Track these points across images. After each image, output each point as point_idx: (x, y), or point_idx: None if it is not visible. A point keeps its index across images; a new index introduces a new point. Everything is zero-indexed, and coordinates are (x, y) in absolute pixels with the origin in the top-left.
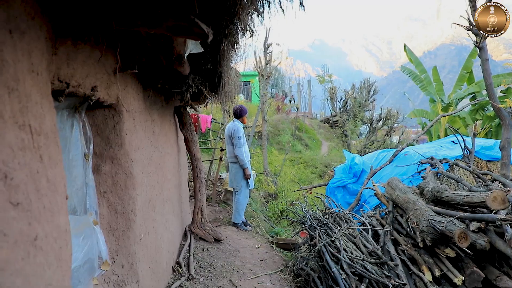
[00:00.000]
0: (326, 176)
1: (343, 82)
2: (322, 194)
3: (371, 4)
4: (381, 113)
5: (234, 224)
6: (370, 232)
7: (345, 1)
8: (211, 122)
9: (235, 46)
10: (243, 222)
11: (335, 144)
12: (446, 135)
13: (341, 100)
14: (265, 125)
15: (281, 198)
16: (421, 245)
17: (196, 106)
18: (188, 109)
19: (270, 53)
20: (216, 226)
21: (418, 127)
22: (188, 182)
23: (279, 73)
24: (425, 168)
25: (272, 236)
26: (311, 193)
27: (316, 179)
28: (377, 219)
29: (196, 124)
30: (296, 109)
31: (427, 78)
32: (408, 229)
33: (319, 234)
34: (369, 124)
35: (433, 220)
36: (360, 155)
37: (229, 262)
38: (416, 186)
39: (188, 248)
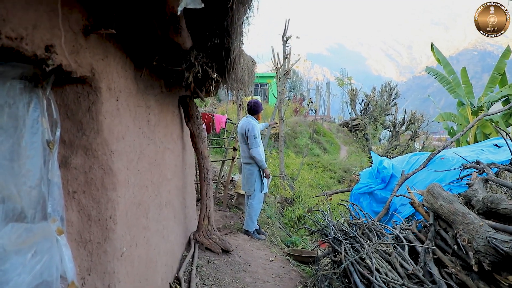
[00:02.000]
0: (345, 182)
1: (362, 86)
2: (347, 201)
3: (391, 8)
4: (404, 117)
5: (246, 232)
6: (406, 248)
7: (365, 5)
8: (226, 122)
9: (247, 5)
10: (256, 229)
11: (354, 149)
12: (475, 140)
13: (362, 102)
14: (282, 125)
15: (298, 204)
16: (475, 268)
17: (202, 93)
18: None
19: (289, 47)
20: (226, 234)
21: (441, 133)
22: (195, 183)
23: (297, 76)
24: (469, 174)
25: (288, 246)
26: (331, 199)
27: (335, 185)
28: (413, 233)
29: (210, 124)
30: (314, 112)
31: (455, 79)
32: (455, 247)
33: (345, 249)
34: (391, 128)
35: (493, 238)
36: None
37: (238, 278)
38: (458, 194)
39: (191, 260)
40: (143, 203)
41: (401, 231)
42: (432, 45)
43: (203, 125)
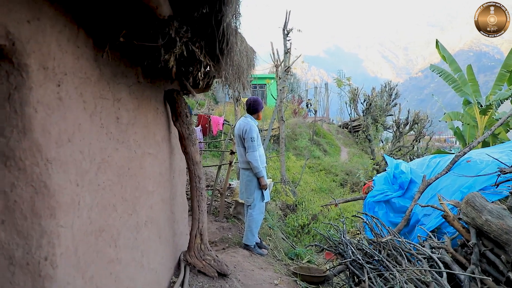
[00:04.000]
0: (348, 185)
1: (364, 85)
2: (365, 213)
3: (388, 10)
4: (407, 117)
5: (246, 247)
6: (444, 275)
7: (361, 6)
8: (223, 124)
9: None
10: (257, 243)
11: (355, 150)
12: (483, 140)
13: (364, 101)
14: (282, 126)
15: (302, 211)
16: None
17: (189, 84)
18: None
19: (290, 41)
20: (223, 249)
21: (439, 134)
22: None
23: (294, 77)
24: (508, 180)
25: (292, 259)
26: (336, 205)
27: (337, 188)
28: (448, 252)
29: (207, 125)
30: (314, 112)
31: (462, 77)
32: (510, 274)
33: (369, 276)
34: (395, 129)
35: None
36: (386, 162)
37: None
38: (492, 202)
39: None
40: (108, 229)
41: (433, 250)
42: (437, 42)
43: (197, 126)
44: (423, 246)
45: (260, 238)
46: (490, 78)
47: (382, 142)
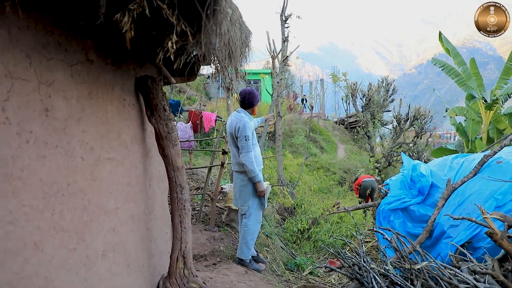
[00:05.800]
0: (346, 183)
1: (363, 80)
2: (387, 229)
3: (382, 6)
4: (408, 113)
5: (241, 261)
6: None
7: (356, 3)
8: (216, 120)
9: None
10: (253, 257)
11: (352, 147)
12: (488, 136)
13: (363, 97)
14: (279, 122)
15: (301, 214)
16: None
17: (163, 67)
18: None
19: (288, 28)
20: (214, 264)
21: (435, 129)
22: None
23: (289, 73)
24: None
25: (292, 270)
26: (338, 207)
27: (336, 187)
28: (494, 278)
29: (198, 122)
30: (310, 108)
31: (466, 71)
32: None
33: None
34: (396, 124)
35: None
36: (387, 160)
37: None
38: None
39: None
40: (21, 282)
41: (476, 277)
42: (440, 34)
43: (187, 123)
44: (460, 270)
45: (256, 251)
46: (483, 74)
47: (381, 139)
